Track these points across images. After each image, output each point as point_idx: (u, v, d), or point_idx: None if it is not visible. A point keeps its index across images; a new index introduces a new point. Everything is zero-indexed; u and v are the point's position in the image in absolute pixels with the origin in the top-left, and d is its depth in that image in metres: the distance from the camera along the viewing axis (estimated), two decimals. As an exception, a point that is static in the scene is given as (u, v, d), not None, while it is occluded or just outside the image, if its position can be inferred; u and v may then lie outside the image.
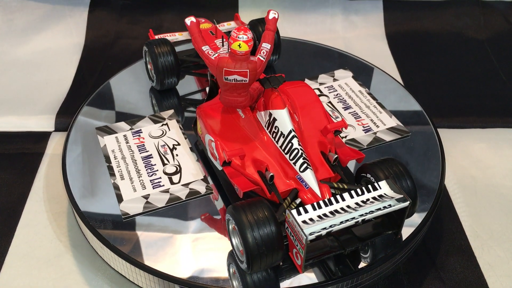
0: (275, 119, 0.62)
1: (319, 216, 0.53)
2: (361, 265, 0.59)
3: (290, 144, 0.61)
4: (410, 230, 0.63)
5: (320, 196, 0.57)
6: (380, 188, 0.56)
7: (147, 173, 0.69)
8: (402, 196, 0.55)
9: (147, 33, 0.91)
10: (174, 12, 1.16)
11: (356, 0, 1.18)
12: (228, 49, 0.60)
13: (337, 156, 0.62)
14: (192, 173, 0.69)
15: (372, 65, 0.94)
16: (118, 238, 0.62)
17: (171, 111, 0.81)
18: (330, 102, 0.83)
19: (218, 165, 0.64)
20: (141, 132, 0.77)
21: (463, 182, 0.80)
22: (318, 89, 0.86)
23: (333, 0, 1.18)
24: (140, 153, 0.73)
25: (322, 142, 0.63)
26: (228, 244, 0.60)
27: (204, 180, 0.68)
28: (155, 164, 0.71)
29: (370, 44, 1.12)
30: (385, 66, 0.99)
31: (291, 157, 0.60)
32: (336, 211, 0.53)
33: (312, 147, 0.63)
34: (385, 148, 0.74)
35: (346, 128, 0.68)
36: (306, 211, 0.53)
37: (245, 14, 0.98)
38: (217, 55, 0.62)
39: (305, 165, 0.59)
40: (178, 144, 0.74)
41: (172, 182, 0.68)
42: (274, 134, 0.63)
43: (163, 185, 0.68)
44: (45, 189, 0.78)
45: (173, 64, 0.82)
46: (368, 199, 0.55)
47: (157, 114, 0.80)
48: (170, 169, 0.70)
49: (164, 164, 0.71)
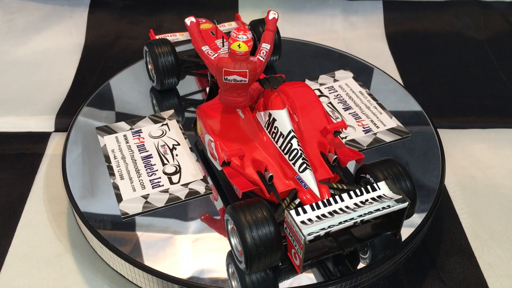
0: (275, 120, 0.62)
1: (318, 217, 0.53)
2: (361, 266, 0.59)
3: (290, 145, 0.60)
4: (410, 231, 0.62)
5: (319, 197, 0.57)
6: (379, 189, 0.56)
7: (147, 173, 0.69)
8: (401, 197, 0.54)
9: (147, 34, 0.91)
10: (174, 13, 1.16)
11: (356, 1, 1.18)
12: (228, 49, 0.60)
13: (337, 157, 0.62)
14: (192, 173, 0.69)
15: (372, 66, 0.94)
16: (118, 239, 0.62)
17: (171, 111, 0.81)
18: (331, 103, 0.83)
19: (218, 165, 0.64)
20: (141, 132, 0.77)
21: (463, 182, 0.80)
22: (319, 90, 0.86)
23: (333, 1, 1.18)
24: (140, 153, 0.73)
25: (322, 143, 0.63)
26: (228, 245, 0.60)
27: (204, 180, 0.68)
28: (155, 164, 0.71)
29: (370, 45, 1.12)
30: (385, 67, 0.99)
31: (291, 158, 0.60)
32: (335, 212, 0.53)
33: (312, 148, 0.63)
34: (385, 149, 0.74)
35: (346, 129, 0.68)
36: (305, 212, 0.53)
37: (245, 15, 0.99)
38: (217, 55, 0.62)
39: (305, 166, 0.59)
40: (178, 144, 0.74)
41: (172, 182, 0.68)
42: (274, 135, 0.63)
43: (163, 185, 0.68)
44: (45, 190, 0.78)
45: (174, 64, 0.82)
46: (367, 200, 0.55)
47: (157, 114, 0.80)
48: (170, 169, 0.70)
49: (164, 164, 0.71)
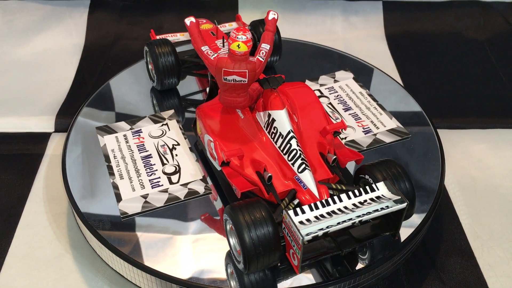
0: (274, 120, 0.62)
1: (316, 217, 0.52)
2: (360, 266, 0.59)
3: (289, 145, 0.60)
4: (410, 231, 0.62)
5: (318, 197, 0.57)
6: (378, 190, 0.56)
7: (146, 173, 0.69)
8: (400, 198, 0.54)
9: (147, 34, 0.91)
10: (174, 13, 1.16)
11: (356, 1, 1.18)
12: (228, 50, 0.60)
13: (336, 157, 0.62)
14: (191, 173, 0.69)
15: (372, 66, 0.94)
16: (118, 239, 0.62)
17: (171, 111, 0.81)
18: (331, 103, 0.83)
19: (217, 165, 0.64)
20: (141, 132, 0.77)
21: (463, 183, 0.79)
22: (319, 90, 0.86)
23: (333, 1, 1.18)
24: (140, 153, 0.73)
25: (321, 143, 0.63)
26: (228, 245, 0.60)
27: (203, 180, 0.68)
28: (155, 164, 0.71)
29: (370, 45, 1.12)
30: (385, 67, 0.99)
31: (290, 158, 0.60)
32: (333, 212, 0.53)
33: (311, 148, 0.63)
34: (385, 149, 0.74)
35: (345, 129, 0.68)
36: (303, 212, 0.53)
37: (245, 15, 0.99)
38: (216, 56, 0.62)
39: (304, 166, 0.59)
40: (178, 144, 0.74)
41: (171, 182, 0.68)
42: (273, 135, 0.63)
43: (162, 185, 0.68)
44: (45, 190, 0.78)
45: (174, 65, 0.82)
46: (366, 200, 0.55)
47: (157, 114, 0.80)
48: (169, 169, 0.70)
49: (164, 164, 0.71)
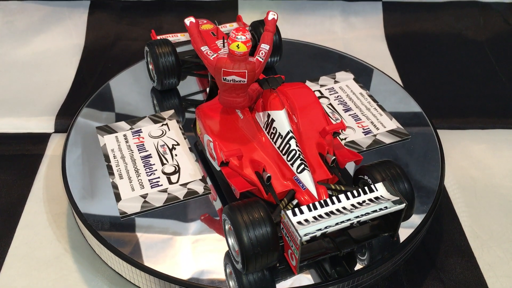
0: (273, 120, 0.62)
1: (315, 217, 0.52)
2: (360, 266, 0.59)
3: (288, 145, 0.60)
4: (410, 231, 0.62)
5: (317, 198, 0.57)
6: (377, 190, 0.56)
7: (146, 173, 0.69)
8: (398, 198, 0.54)
9: (147, 35, 0.91)
10: (174, 14, 1.17)
11: (356, 2, 1.18)
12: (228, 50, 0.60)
13: (335, 158, 0.62)
14: (190, 173, 0.69)
15: (372, 66, 0.94)
16: (118, 239, 0.62)
17: (172, 111, 0.81)
18: (331, 104, 0.83)
19: (216, 166, 0.64)
20: (141, 132, 0.77)
21: (463, 183, 0.79)
22: (319, 91, 0.86)
23: (332, 2, 1.18)
24: (140, 153, 0.73)
25: (320, 144, 0.63)
26: None
27: (202, 180, 0.68)
28: (154, 164, 0.71)
29: (370, 46, 1.12)
30: (385, 68, 0.99)
31: (289, 158, 0.60)
32: (332, 213, 0.53)
33: (310, 149, 0.63)
34: (385, 150, 0.74)
35: (345, 130, 0.68)
36: (302, 212, 0.53)
37: (245, 16, 0.98)
38: (216, 56, 0.62)
39: (303, 166, 0.59)
40: (178, 144, 0.74)
41: (171, 182, 0.68)
42: (272, 135, 0.63)
43: (161, 185, 0.68)
44: (45, 190, 0.78)
45: (174, 65, 0.82)
46: (364, 201, 0.55)
47: (157, 114, 0.80)
48: (169, 169, 0.70)
49: (163, 164, 0.71)
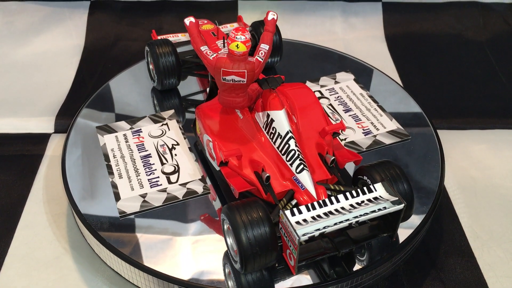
0: (273, 120, 0.62)
1: (313, 217, 0.52)
2: (360, 267, 0.58)
3: (287, 145, 0.60)
4: (409, 232, 0.62)
5: (316, 198, 0.57)
6: (376, 191, 0.55)
7: (145, 172, 0.69)
8: (397, 199, 0.54)
9: (147, 35, 0.92)
10: (174, 14, 1.17)
11: (356, 2, 1.18)
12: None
13: (334, 158, 0.61)
14: (190, 173, 0.69)
15: (372, 67, 0.94)
16: (118, 240, 0.62)
17: (172, 111, 0.81)
18: (331, 105, 0.83)
19: (216, 165, 0.64)
20: (141, 132, 0.77)
21: (463, 183, 0.79)
22: (319, 91, 0.85)
23: (332, 2, 1.18)
24: (139, 152, 0.73)
25: (320, 144, 0.63)
26: None
27: (202, 180, 0.68)
28: (154, 164, 0.71)
29: (370, 46, 1.12)
30: (385, 68, 0.99)
31: (288, 158, 0.60)
32: (330, 213, 0.53)
33: (310, 149, 0.63)
34: (385, 150, 0.74)
35: (344, 130, 0.68)
36: (300, 212, 0.52)
37: (245, 16, 0.99)
38: (215, 55, 0.62)
39: (302, 166, 0.59)
40: (177, 144, 0.74)
41: (170, 182, 0.68)
42: (272, 135, 0.63)
43: (161, 184, 0.68)
44: (45, 191, 0.78)
45: (174, 65, 0.82)
46: (363, 201, 0.54)
47: (158, 114, 0.80)
48: (168, 169, 0.70)
49: (163, 164, 0.71)
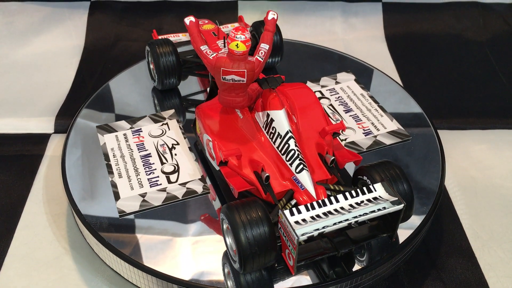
0: (273, 120, 0.62)
1: (312, 217, 0.52)
2: (360, 267, 0.58)
3: (287, 145, 0.60)
4: (409, 232, 0.62)
5: (316, 198, 0.57)
6: (375, 191, 0.55)
7: (145, 172, 0.69)
8: (397, 199, 0.54)
9: (147, 36, 0.92)
10: (174, 15, 1.17)
11: (356, 3, 1.18)
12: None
13: (334, 158, 0.61)
14: (190, 173, 0.69)
15: (372, 67, 0.94)
16: (118, 240, 0.62)
17: (172, 111, 0.81)
18: (331, 105, 0.83)
19: (216, 165, 0.64)
20: (141, 131, 0.77)
21: (463, 183, 0.79)
22: (320, 92, 0.85)
23: (333, 3, 1.18)
24: (139, 152, 0.73)
25: (320, 144, 0.63)
26: None
27: (202, 180, 0.68)
28: (154, 163, 0.71)
29: (370, 46, 1.12)
30: (385, 68, 0.99)
31: (288, 158, 0.60)
32: (330, 213, 0.53)
33: (310, 149, 0.62)
34: (386, 150, 0.74)
35: (344, 130, 0.68)
36: (299, 212, 0.52)
37: (245, 17, 0.99)
38: (215, 55, 0.62)
39: (301, 166, 0.59)
40: (177, 144, 0.74)
41: (170, 181, 0.68)
42: (272, 135, 0.63)
43: (161, 184, 0.68)
44: (45, 191, 0.78)
45: (175, 64, 0.82)
46: (363, 201, 0.54)
47: (158, 114, 0.80)
48: (168, 168, 0.70)
49: (163, 163, 0.71)
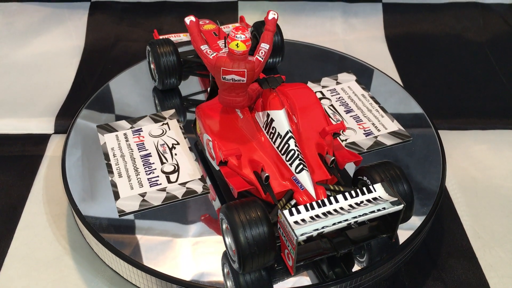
0: (273, 120, 0.62)
1: (312, 217, 0.52)
2: (360, 267, 0.58)
3: (287, 145, 0.60)
4: (410, 233, 0.62)
5: (315, 198, 0.57)
6: (375, 191, 0.55)
7: (145, 172, 0.69)
8: (397, 199, 0.54)
9: (147, 36, 0.92)
10: (174, 15, 1.17)
11: (356, 3, 1.18)
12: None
13: (334, 158, 0.61)
14: (190, 173, 0.69)
15: (373, 67, 0.94)
16: (118, 241, 0.62)
17: (172, 111, 0.81)
18: (332, 105, 0.83)
19: (215, 165, 0.64)
20: (141, 131, 0.77)
21: (464, 184, 0.79)
22: (321, 92, 0.85)
23: (333, 3, 1.18)
24: (139, 152, 0.73)
25: (320, 144, 0.63)
26: None
27: (201, 180, 0.68)
28: (154, 163, 0.71)
29: (370, 47, 1.12)
30: (385, 69, 0.99)
31: (288, 158, 0.60)
32: (329, 213, 0.53)
33: (310, 149, 0.62)
34: (386, 151, 0.74)
35: (345, 131, 0.68)
36: (299, 212, 0.52)
37: (245, 17, 0.99)
38: (215, 55, 0.62)
39: (301, 166, 0.58)
40: (178, 144, 0.74)
41: (170, 181, 0.68)
42: (272, 135, 0.62)
43: (160, 184, 0.68)
44: (45, 191, 0.77)
45: (175, 64, 0.82)
46: (362, 202, 0.54)
47: (158, 113, 0.80)
48: (168, 168, 0.70)
49: (163, 163, 0.71)
